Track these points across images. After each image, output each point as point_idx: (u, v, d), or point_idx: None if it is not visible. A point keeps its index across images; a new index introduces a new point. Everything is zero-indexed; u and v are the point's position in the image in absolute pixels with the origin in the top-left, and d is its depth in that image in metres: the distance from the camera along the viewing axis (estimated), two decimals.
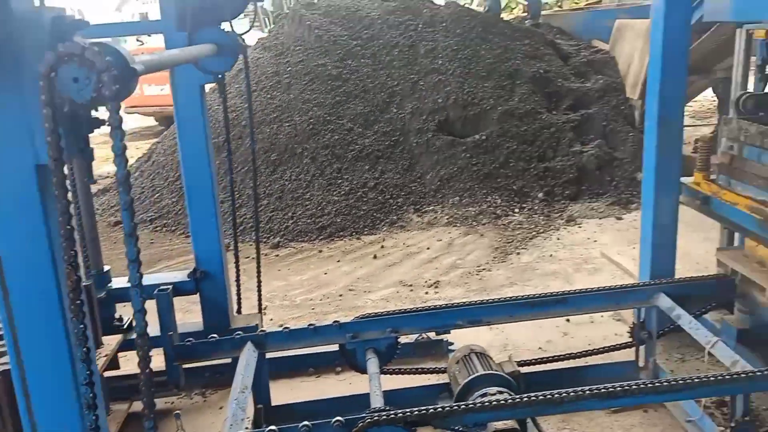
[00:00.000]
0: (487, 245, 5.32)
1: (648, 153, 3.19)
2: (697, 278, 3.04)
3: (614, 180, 6.02)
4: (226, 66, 2.91)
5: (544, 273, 4.67)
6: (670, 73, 2.91)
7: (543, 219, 5.73)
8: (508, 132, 6.37)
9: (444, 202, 6.13)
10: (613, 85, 6.67)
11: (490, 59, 6.74)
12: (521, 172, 6.20)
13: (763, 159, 2.53)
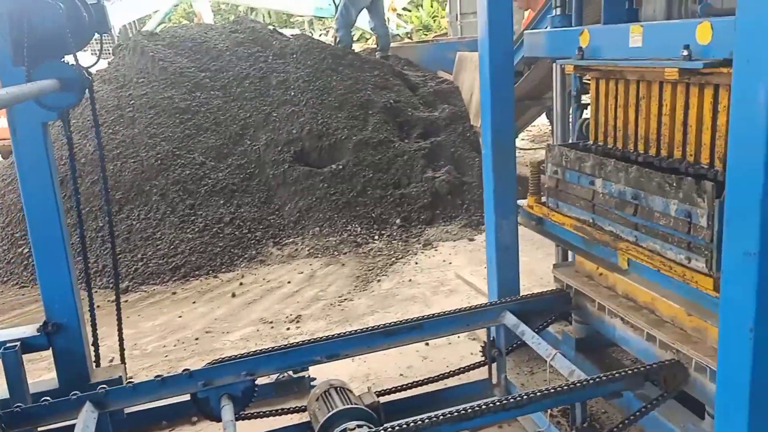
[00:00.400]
0: (348, 274, 5.34)
1: (486, 178, 3.36)
2: (537, 294, 3.24)
3: (465, 203, 6.30)
4: (70, 101, 2.72)
5: (404, 298, 4.76)
6: (498, 103, 3.10)
7: (402, 244, 5.86)
8: (363, 161, 6.48)
9: (304, 234, 6.10)
10: (458, 113, 7.01)
11: (342, 90, 6.84)
12: (379, 199, 6.31)
13: (582, 182, 2.75)
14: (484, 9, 2.99)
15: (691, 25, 2.08)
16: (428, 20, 22.42)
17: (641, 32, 2.31)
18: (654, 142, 2.53)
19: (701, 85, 2.21)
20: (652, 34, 2.30)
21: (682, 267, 2.23)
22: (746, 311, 1.76)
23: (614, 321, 2.85)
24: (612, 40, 2.51)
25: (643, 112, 2.56)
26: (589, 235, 2.77)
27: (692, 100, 2.27)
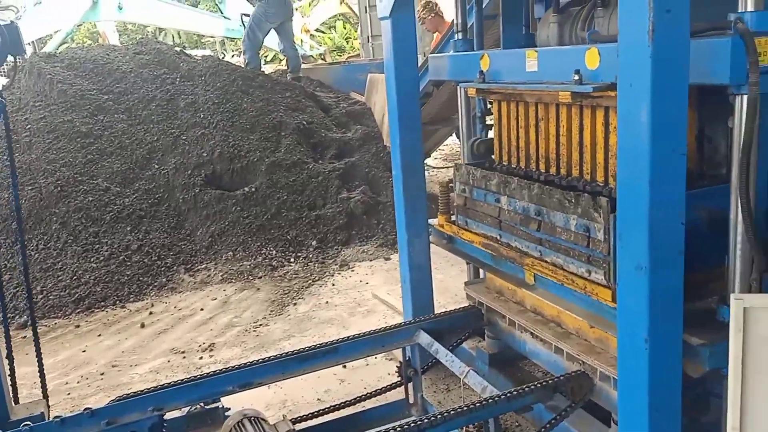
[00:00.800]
0: (264, 299, 5.24)
1: (397, 199, 3.39)
2: (450, 312, 3.28)
3: (381, 223, 6.33)
4: None
5: (321, 321, 4.71)
6: (406, 126, 3.15)
7: (318, 266, 5.81)
8: (277, 183, 6.40)
9: (217, 259, 5.94)
10: (371, 134, 7.07)
11: (253, 112, 6.76)
12: (294, 221, 6.25)
13: (488, 199, 2.83)
14: (388, 34, 3.04)
15: (581, 51, 2.18)
16: (341, 41, 22.60)
17: (536, 57, 2.41)
18: (554, 162, 2.64)
19: (593, 107, 2.32)
20: (546, 59, 2.40)
21: (583, 280, 2.32)
22: (641, 322, 1.84)
23: (524, 335, 2.92)
24: (510, 65, 2.60)
25: (543, 133, 2.66)
26: (497, 251, 2.84)
27: (585, 122, 2.38)
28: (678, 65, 1.66)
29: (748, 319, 1.39)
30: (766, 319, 1.36)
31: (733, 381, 1.43)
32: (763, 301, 1.39)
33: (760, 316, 1.37)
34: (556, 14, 2.57)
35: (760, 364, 1.39)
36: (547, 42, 2.64)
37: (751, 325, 1.37)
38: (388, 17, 3.00)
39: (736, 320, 1.40)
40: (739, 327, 1.39)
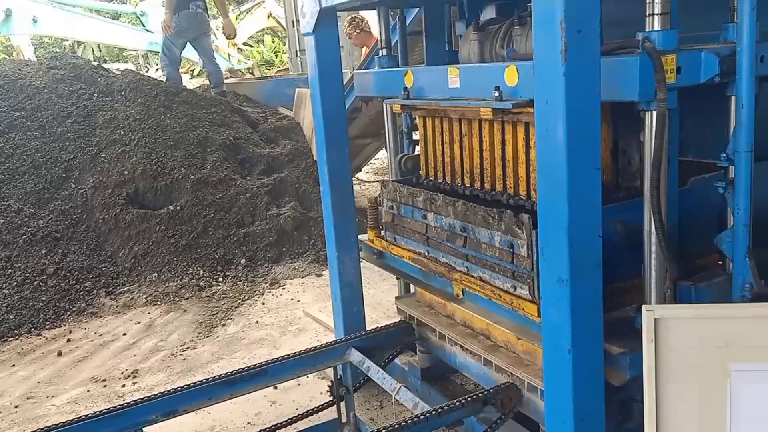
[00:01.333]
0: (191, 321, 5.08)
1: (326, 216, 3.36)
2: (382, 328, 3.27)
3: (312, 239, 6.27)
4: None
5: (251, 342, 4.61)
6: (333, 143, 3.13)
7: (248, 285, 5.69)
8: (203, 200, 6.25)
9: (141, 281, 5.73)
10: (300, 149, 7.01)
11: (177, 128, 6.58)
12: (222, 239, 6.11)
13: (416, 216, 2.84)
14: (312, 51, 3.02)
15: (501, 68, 2.23)
16: (270, 55, 22.43)
17: (458, 74, 2.45)
18: (478, 176, 2.67)
19: (514, 123, 2.37)
20: (467, 76, 2.44)
21: (509, 295, 2.35)
22: (564, 333, 1.88)
23: (455, 349, 2.94)
24: (433, 81, 2.63)
25: (467, 148, 2.69)
26: (426, 267, 2.85)
27: (507, 137, 2.43)
28: (590, 83, 1.72)
29: (659, 330, 1.44)
30: (676, 329, 1.42)
31: (647, 390, 1.48)
32: (672, 312, 1.44)
33: (670, 325, 1.42)
34: (477, 32, 2.62)
35: (671, 373, 1.44)
36: (468, 59, 2.68)
37: (662, 335, 1.42)
38: (311, 33, 2.98)
39: (648, 331, 1.44)
40: (650, 337, 1.44)
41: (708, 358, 1.39)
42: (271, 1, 16.27)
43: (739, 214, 1.97)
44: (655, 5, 1.84)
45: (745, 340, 1.35)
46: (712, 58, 1.86)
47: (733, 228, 2.00)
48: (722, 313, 1.43)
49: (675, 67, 1.83)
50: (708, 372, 1.39)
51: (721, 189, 2.02)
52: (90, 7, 14.56)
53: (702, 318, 1.40)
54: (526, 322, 2.36)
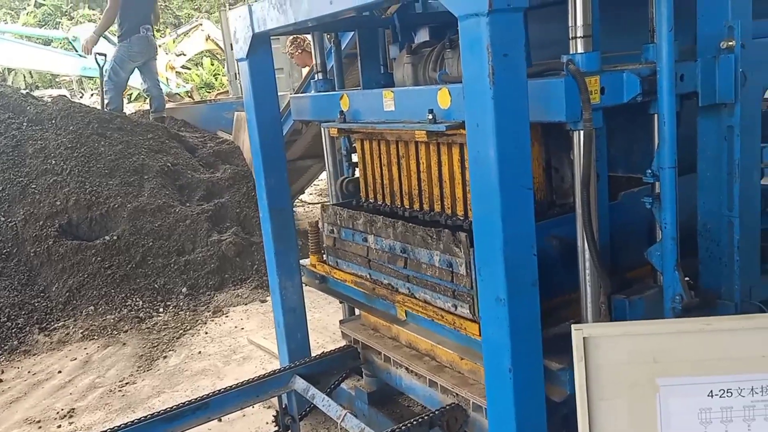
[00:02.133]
0: (130, 354, 4.90)
1: (267, 241, 3.31)
2: (327, 354, 3.23)
3: (255, 264, 6.17)
4: None
5: (194, 373, 4.48)
6: (271, 167, 3.10)
7: (190, 314, 5.54)
8: (141, 229, 6.08)
9: (77, 315, 5.51)
10: (241, 173, 6.92)
11: (112, 156, 6.40)
12: (161, 268, 5.94)
13: (356, 239, 2.83)
14: (246, 76, 2.99)
15: (434, 91, 2.26)
16: (210, 78, 22.17)
17: (392, 97, 2.46)
18: (417, 198, 2.69)
19: (449, 144, 2.40)
20: (402, 99, 2.46)
21: (451, 315, 2.36)
22: (504, 352, 1.89)
23: (400, 371, 2.93)
24: (369, 104, 2.64)
25: (405, 170, 2.71)
26: (368, 290, 2.84)
27: (443, 158, 2.46)
28: (518, 105, 1.75)
29: (588, 348, 1.46)
30: (604, 347, 1.44)
31: (580, 408, 1.50)
32: (600, 330, 1.47)
33: (599, 344, 1.44)
34: (410, 55, 2.65)
35: (603, 390, 1.46)
36: (403, 82, 2.71)
37: (591, 353, 1.45)
38: (245, 59, 2.95)
39: (577, 350, 1.47)
40: (580, 356, 1.46)
41: (637, 374, 1.42)
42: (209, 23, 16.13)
43: (666, 228, 2.03)
44: (578, 29, 1.89)
45: (671, 355, 1.39)
46: (634, 78, 1.93)
47: (661, 241, 2.06)
48: (648, 329, 1.46)
49: (599, 87, 1.89)
50: (638, 388, 1.42)
51: (648, 204, 2.09)
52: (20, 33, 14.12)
53: (629, 335, 1.44)
54: (469, 342, 2.37)
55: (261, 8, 2.76)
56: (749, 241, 2.24)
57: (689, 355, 1.38)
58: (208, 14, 23.34)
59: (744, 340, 1.36)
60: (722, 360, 1.35)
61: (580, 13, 1.87)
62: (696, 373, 1.36)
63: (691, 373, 1.38)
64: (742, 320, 1.45)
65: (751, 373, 1.35)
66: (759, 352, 1.35)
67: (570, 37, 1.92)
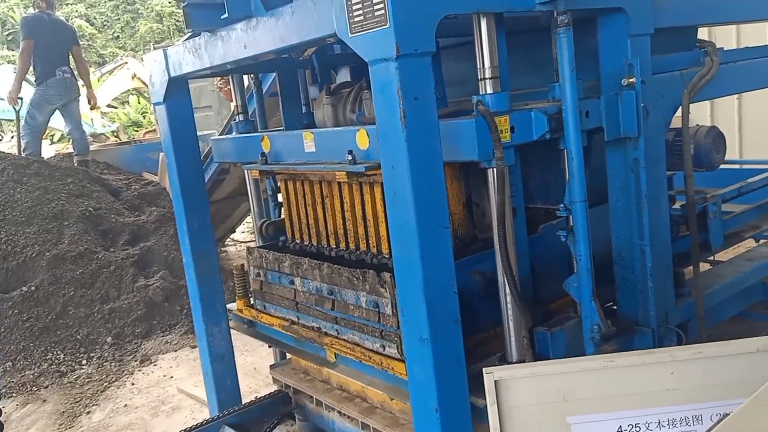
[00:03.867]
0: (51, 411, 4.64)
1: (191, 286, 3.22)
2: (257, 401, 3.14)
3: (184, 308, 5.97)
4: None
5: (119, 428, 4.27)
6: (193, 211, 3.03)
7: (115, 365, 5.31)
8: (62, 278, 5.82)
9: None
10: (168, 215, 6.74)
11: (29, 202, 6.14)
12: (84, 318, 5.69)
13: (283, 281, 2.78)
14: (164, 120, 2.93)
15: (352, 132, 2.26)
16: (137, 117, 21.67)
17: (313, 139, 2.46)
18: (343, 237, 2.67)
19: (370, 184, 2.40)
20: (322, 140, 2.45)
21: (378, 355, 2.34)
22: (430, 392, 1.88)
23: (332, 414, 2.87)
24: (290, 146, 2.62)
25: (329, 210, 2.69)
26: (297, 333, 2.78)
27: (366, 197, 2.45)
28: (431, 146, 1.77)
29: (499, 391, 1.47)
30: (515, 389, 1.46)
31: None
32: (510, 372, 1.48)
33: (510, 386, 1.46)
34: (329, 96, 2.66)
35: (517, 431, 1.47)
36: (323, 122, 2.70)
37: (502, 395, 1.46)
38: (162, 103, 2.89)
39: (489, 393, 1.47)
40: (492, 399, 1.47)
41: (549, 413, 1.43)
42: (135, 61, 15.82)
43: (581, 260, 2.08)
44: (486, 70, 1.94)
45: (579, 393, 1.41)
46: (542, 117, 1.99)
47: (577, 273, 2.11)
48: (555, 369, 1.49)
49: (509, 126, 1.94)
50: (549, 427, 1.43)
51: (563, 237, 2.14)
52: None
53: (537, 375, 1.45)
54: (398, 381, 2.34)
55: (176, 52, 2.72)
56: (661, 267, 2.33)
57: (597, 392, 1.41)
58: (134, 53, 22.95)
59: (647, 375, 1.40)
60: (628, 395, 1.39)
61: (487, 55, 1.93)
62: (604, 410, 1.39)
63: (600, 410, 1.40)
64: (643, 355, 1.50)
65: (656, 406, 1.39)
66: (662, 385, 1.39)
67: (479, 78, 1.97)
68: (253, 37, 2.24)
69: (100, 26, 30.29)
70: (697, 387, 1.39)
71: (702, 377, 1.42)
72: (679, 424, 1.38)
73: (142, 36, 29.09)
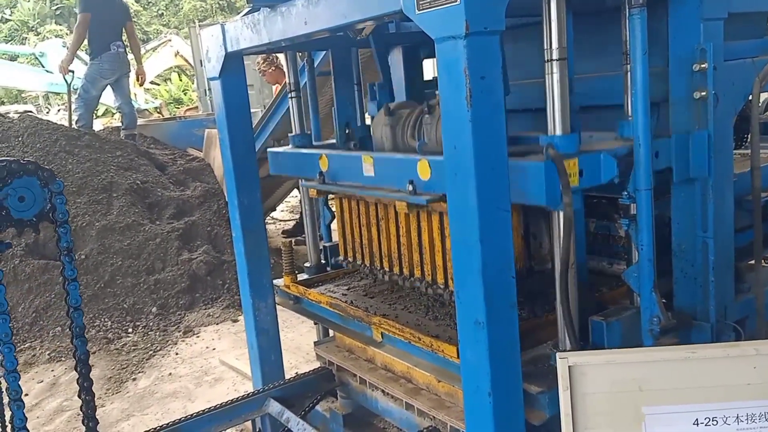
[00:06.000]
0: (99, 376, 4.77)
1: (240, 261, 3.25)
2: (301, 376, 3.17)
3: (226, 283, 6.08)
4: None
5: (164, 395, 4.38)
6: (244, 187, 3.05)
7: (159, 335, 5.44)
8: (110, 248, 5.96)
9: (43, 336, 5.38)
10: (212, 190, 6.84)
11: (80, 173, 6.29)
12: (131, 288, 5.83)
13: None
14: (219, 95, 2.95)
15: (414, 161, 2.18)
16: (179, 94, 21.98)
17: (372, 163, 2.41)
18: (397, 261, 2.62)
19: (429, 212, 2.34)
20: (382, 166, 2.39)
21: (429, 337, 2.33)
22: (483, 377, 1.87)
23: (376, 394, 2.88)
24: (348, 167, 2.57)
25: (384, 232, 2.65)
26: (344, 311, 2.80)
27: (422, 224, 2.40)
28: (496, 127, 1.74)
29: (573, 376, 1.44)
30: (591, 375, 1.43)
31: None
32: (586, 359, 1.46)
33: (584, 372, 1.43)
34: (388, 116, 2.59)
35: (588, 419, 1.44)
36: (381, 142, 2.62)
37: (576, 381, 1.43)
38: (217, 78, 2.91)
39: (563, 378, 1.45)
40: (566, 385, 1.44)
41: (622, 402, 1.40)
42: (178, 39, 16.02)
43: (643, 250, 2.03)
44: (554, 51, 1.89)
45: (656, 383, 1.38)
46: (611, 160, 1.95)
47: (638, 263, 2.06)
48: (633, 358, 1.46)
49: (577, 170, 1.88)
50: (623, 416, 1.41)
51: (625, 226, 2.09)
52: None
53: (614, 363, 1.43)
54: (446, 364, 2.34)
55: (234, 28, 2.72)
56: (724, 261, 2.26)
57: (674, 384, 1.37)
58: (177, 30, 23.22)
59: (729, 368, 1.36)
60: (707, 388, 1.35)
61: (555, 35, 1.87)
62: (681, 402, 1.35)
63: (677, 402, 1.37)
64: (727, 348, 1.45)
65: (736, 401, 1.35)
66: (744, 379, 1.35)
67: (546, 60, 1.92)
68: (314, 13, 2.22)
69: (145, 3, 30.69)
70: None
71: None
72: (759, 419, 1.34)
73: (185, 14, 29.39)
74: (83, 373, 2.01)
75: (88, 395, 2.02)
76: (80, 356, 1.98)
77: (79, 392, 2.07)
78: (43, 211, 1.77)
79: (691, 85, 2.13)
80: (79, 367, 2.00)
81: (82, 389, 2.02)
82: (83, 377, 2.00)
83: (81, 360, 1.98)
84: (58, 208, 1.86)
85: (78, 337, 1.98)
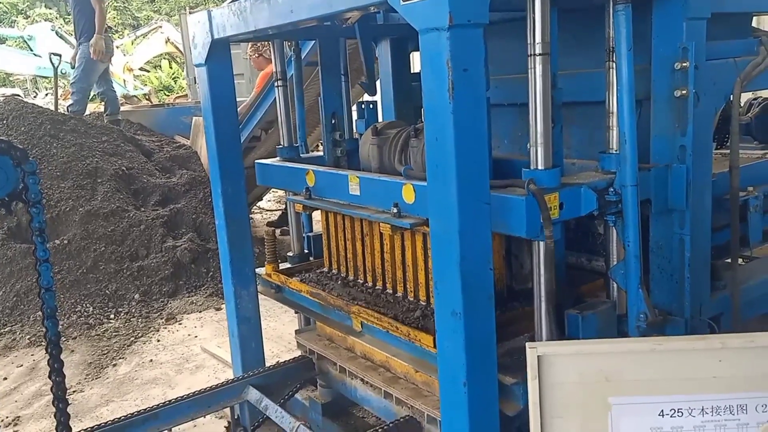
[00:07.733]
0: (79, 362, 4.76)
1: (222, 249, 3.25)
2: (281, 365, 3.18)
3: (210, 271, 6.07)
4: None
5: (144, 382, 4.37)
6: (228, 175, 3.05)
7: (142, 321, 5.42)
8: (93, 233, 5.92)
9: (24, 321, 5.35)
10: (198, 178, 6.81)
11: (65, 158, 6.24)
12: (113, 274, 5.80)
13: None
14: (204, 82, 2.94)
15: (399, 185, 2.23)
16: (169, 81, 21.80)
17: (358, 183, 2.44)
18: (380, 276, 2.66)
19: (413, 232, 2.37)
20: (368, 186, 2.43)
21: (405, 326, 2.35)
22: (459, 367, 1.89)
23: (355, 382, 2.90)
24: (334, 184, 2.60)
25: (369, 248, 2.68)
26: (324, 300, 2.81)
27: (406, 243, 2.44)
28: (477, 120, 1.76)
29: (542, 366, 1.47)
30: (558, 365, 1.45)
31: (533, 425, 1.50)
32: (554, 349, 1.48)
33: (552, 362, 1.45)
34: (375, 136, 2.62)
35: (556, 409, 1.47)
36: (368, 161, 2.67)
37: (545, 371, 1.45)
38: (203, 64, 2.90)
39: (531, 368, 1.47)
40: (534, 374, 1.47)
41: (590, 392, 1.43)
42: (169, 26, 15.89)
43: (629, 246, 2.06)
44: (537, 46, 1.91)
45: (623, 374, 1.41)
46: (591, 194, 1.99)
47: (624, 260, 2.09)
48: (601, 348, 1.48)
49: (558, 203, 1.91)
50: (590, 406, 1.43)
51: (611, 222, 2.11)
52: None
53: (582, 354, 1.45)
54: (424, 354, 2.36)
55: (221, 14, 2.72)
56: (700, 258, 2.29)
57: (641, 375, 1.40)
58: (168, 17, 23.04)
59: (695, 361, 1.38)
60: (674, 380, 1.38)
61: (539, 30, 1.89)
62: (648, 393, 1.38)
63: (643, 393, 1.39)
64: (694, 341, 1.48)
65: (701, 393, 1.38)
66: (710, 372, 1.38)
67: (529, 54, 1.94)
68: (300, 2, 2.23)
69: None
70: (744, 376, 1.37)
71: (751, 367, 1.39)
72: (723, 412, 1.36)
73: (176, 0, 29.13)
74: (54, 354, 2.01)
75: (59, 376, 2.02)
76: (51, 337, 1.97)
77: (50, 373, 2.07)
78: (15, 191, 1.75)
79: (673, 84, 2.16)
80: (50, 348, 2.00)
81: (53, 370, 2.02)
82: (53, 358, 2.00)
83: (52, 341, 1.98)
84: (31, 188, 1.85)
85: (49, 318, 1.97)
